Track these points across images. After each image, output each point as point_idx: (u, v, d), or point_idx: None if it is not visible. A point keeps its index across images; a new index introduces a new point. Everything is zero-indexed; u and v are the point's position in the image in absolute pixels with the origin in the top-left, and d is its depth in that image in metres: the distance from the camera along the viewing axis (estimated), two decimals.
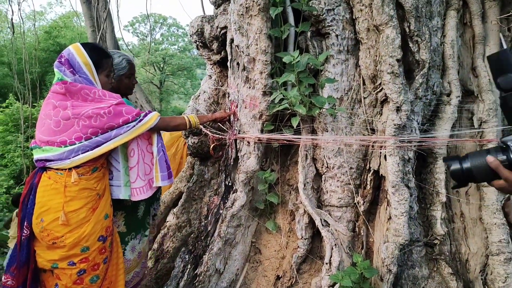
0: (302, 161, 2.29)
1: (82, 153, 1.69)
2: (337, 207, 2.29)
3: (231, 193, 2.37)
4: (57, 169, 1.69)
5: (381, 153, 2.17)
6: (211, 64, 2.93)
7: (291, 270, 2.23)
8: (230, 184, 2.46)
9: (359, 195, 2.27)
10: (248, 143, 2.34)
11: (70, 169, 1.69)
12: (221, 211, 2.35)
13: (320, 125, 2.27)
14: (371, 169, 2.25)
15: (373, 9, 2.06)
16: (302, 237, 2.25)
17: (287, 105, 2.14)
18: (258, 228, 2.48)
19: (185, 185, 2.93)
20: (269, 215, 2.46)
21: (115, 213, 1.92)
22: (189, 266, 2.33)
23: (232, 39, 2.42)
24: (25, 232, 1.69)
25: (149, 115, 1.85)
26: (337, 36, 2.24)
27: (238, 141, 2.43)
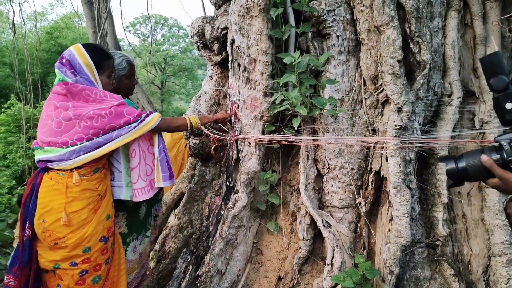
0: (303, 162, 2.29)
1: (83, 154, 1.69)
2: (338, 208, 2.29)
3: (233, 193, 2.37)
4: (59, 170, 1.70)
5: (382, 154, 2.17)
6: (212, 65, 2.93)
7: (293, 271, 2.23)
8: (231, 184, 2.46)
9: (360, 196, 2.26)
10: (249, 144, 2.35)
11: (71, 170, 1.69)
12: (223, 212, 2.36)
13: (321, 126, 2.27)
14: (372, 170, 2.24)
15: (374, 10, 2.06)
16: (303, 238, 2.25)
17: (288, 106, 2.14)
18: (259, 229, 2.48)
19: (187, 186, 2.93)
20: (271, 216, 2.47)
21: (117, 214, 1.92)
22: (190, 266, 2.33)
23: (233, 40, 2.42)
24: (27, 232, 1.69)
25: (150, 116, 1.85)
26: (338, 37, 2.24)
27: (239, 142, 2.43)
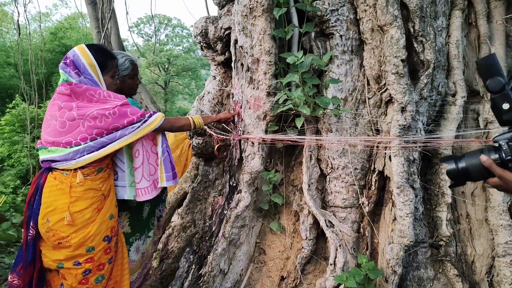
0: (306, 162, 2.28)
1: (87, 154, 1.70)
2: (341, 208, 2.29)
3: (236, 193, 2.37)
4: (63, 170, 1.70)
5: (385, 153, 2.16)
6: (215, 65, 2.94)
7: (296, 270, 2.22)
8: (234, 184, 2.46)
9: (363, 196, 2.26)
10: (252, 143, 2.35)
11: (75, 169, 1.70)
12: (226, 212, 2.36)
13: (324, 126, 2.26)
14: (375, 169, 2.24)
15: (378, 9, 2.06)
16: (306, 237, 2.25)
17: (291, 106, 2.14)
18: (262, 228, 2.48)
19: (190, 186, 2.93)
20: (274, 216, 2.46)
21: (120, 214, 1.93)
22: (193, 266, 2.34)
23: (236, 40, 2.42)
24: (31, 232, 1.70)
25: (154, 116, 1.86)
26: (341, 36, 2.24)
27: (242, 141, 2.43)
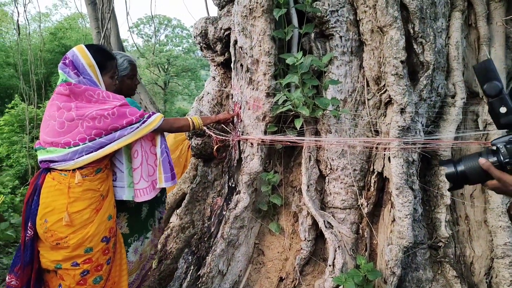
0: (305, 163, 2.28)
1: (86, 154, 1.69)
2: (340, 209, 2.28)
3: (234, 194, 2.37)
4: (61, 170, 1.70)
5: (385, 155, 2.16)
6: (215, 65, 2.94)
7: (294, 272, 2.22)
8: (233, 185, 2.46)
9: (362, 197, 2.26)
10: (251, 144, 2.34)
11: (74, 170, 1.70)
12: (224, 212, 2.35)
13: (323, 127, 2.26)
14: (375, 171, 2.24)
15: (377, 10, 2.06)
16: (305, 239, 2.25)
17: (290, 107, 2.14)
18: (261, 229, 2.48)
19: (189, 186, 2.93)
20: (272, 217, 2.46)
21: (118, 215, 1.92)
22: (192, 267, 2.33)
23: (235, 41, 2.42)
24: (29, 232, 1.70)
25: (153, 117, 1.85)
26: (341, 37, 2.24)
27: (241, 142, 2.43)
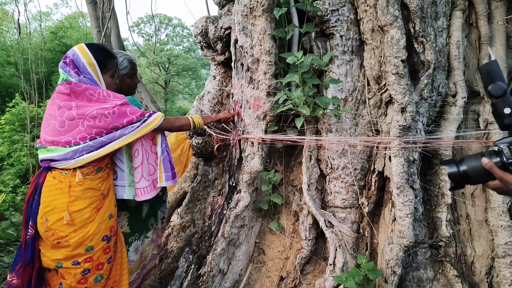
0: (306, 162, 2.28)
1: (86, 153, 1.69)
2: (341, 208, 2.28)
3: (235, 193, 2.37)
4: (62, 169, 1.70)
5: (385, 154, 2.16)
6: (215, 64, 2.93)
7: (295, 271, 2.22)
8: (234, 184, 2.46)
9: (363, 196, 2.26)
10: (252, 143, 2.34)
11: (74, 169, 1.70)
12: (225, 212, 2.36)
13: (324, 126, 2.26)
14: (375, 170, 2.24)
15: (378, 9, 2.05)
16: (306, 238, 2.25)
17: (291, 106, 2.14)
18: (262, 228, 2.48)
19: (189, 185, 2.93)
20: (273, 216, 2.46)
21: (119, 214, 1.92)
22: (192, 266, 2.34)
23: (236, 40, 2.42)
24: (30, 231, 1.70)
25: (153, 116, 1.85)
26: (341, 36, 2.23)
27: (242, 141, 2.43)
